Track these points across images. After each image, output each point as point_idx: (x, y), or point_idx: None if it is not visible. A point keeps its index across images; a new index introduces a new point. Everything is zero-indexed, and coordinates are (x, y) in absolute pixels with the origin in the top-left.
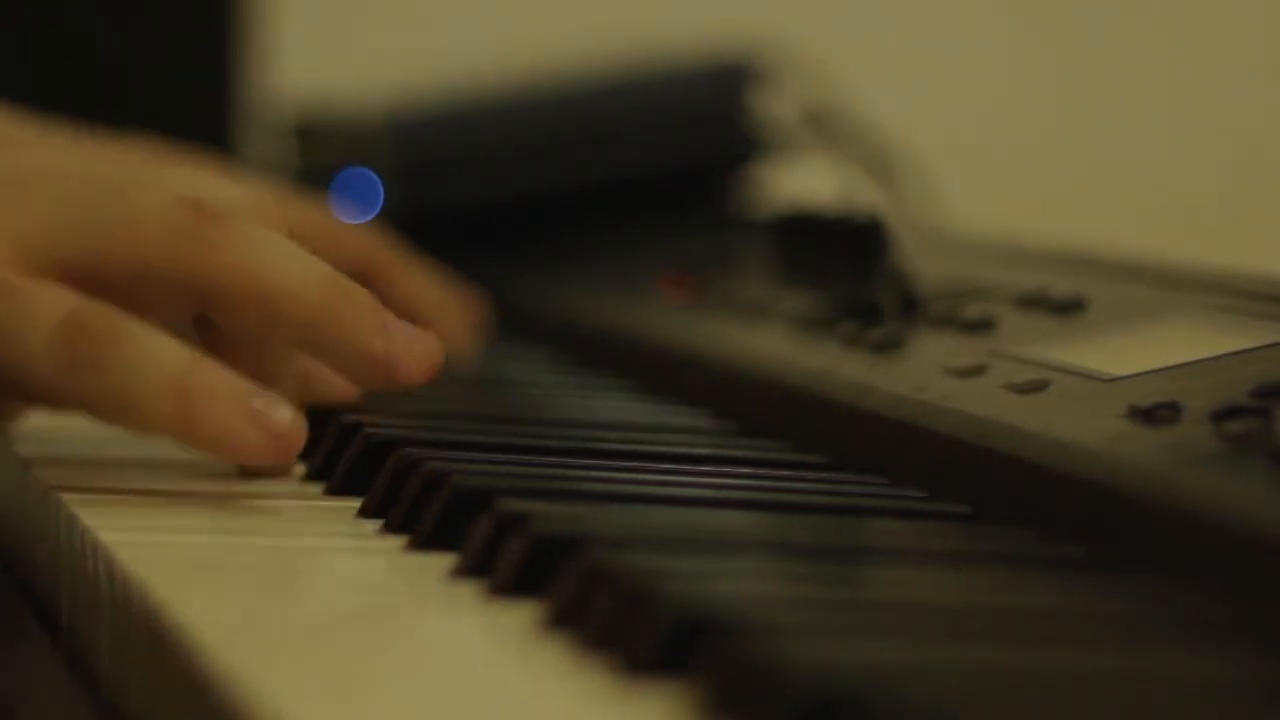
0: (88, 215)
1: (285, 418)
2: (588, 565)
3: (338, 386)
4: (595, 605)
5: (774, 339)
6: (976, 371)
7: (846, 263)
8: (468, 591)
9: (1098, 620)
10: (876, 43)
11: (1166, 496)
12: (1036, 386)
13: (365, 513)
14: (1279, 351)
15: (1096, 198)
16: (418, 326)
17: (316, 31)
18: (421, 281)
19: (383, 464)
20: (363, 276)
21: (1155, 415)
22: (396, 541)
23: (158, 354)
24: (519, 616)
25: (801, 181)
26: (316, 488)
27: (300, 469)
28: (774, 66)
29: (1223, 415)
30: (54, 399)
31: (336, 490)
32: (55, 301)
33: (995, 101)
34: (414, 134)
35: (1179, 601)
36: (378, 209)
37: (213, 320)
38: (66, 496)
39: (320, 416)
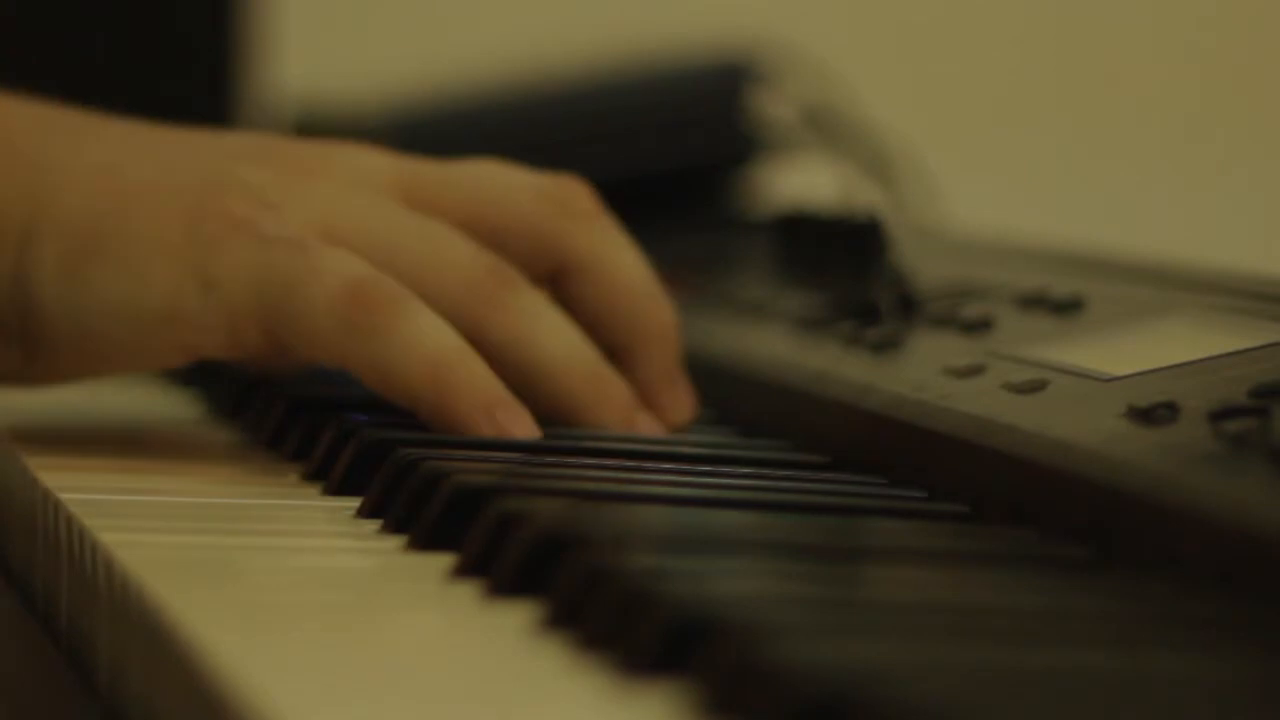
0: (396, 249)
1: (522, 430)
2: (587, 565)
3: None
4: (594, 605)
5: (773, 339)
6: (975, 371)
7: (845, 263)
8: (467, 591)
9: (1097, 620)
10: (876, 43)
11: (1165, 496)
12: (1035, 386)
13: (364, 512)
14: (1277, 351)
15: (1096, 198)
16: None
17: (316, 31)
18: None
19: (382, 464)
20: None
21: (1154, 415)
22: (396, 541)
23: (429, 334)
24: (518, 616)
25: (801, 181)
26: (315, 487)
27: (299, 469)
28: (774, 66)
29: (1221, 415)
30: (326, 355)
31: (335, 490)
32: (345, 264)
33: (995, 101)
34: (414, 134)
35: (1177, 601)
36: None
37: None
38: (66, 497)
39: (318, 417)
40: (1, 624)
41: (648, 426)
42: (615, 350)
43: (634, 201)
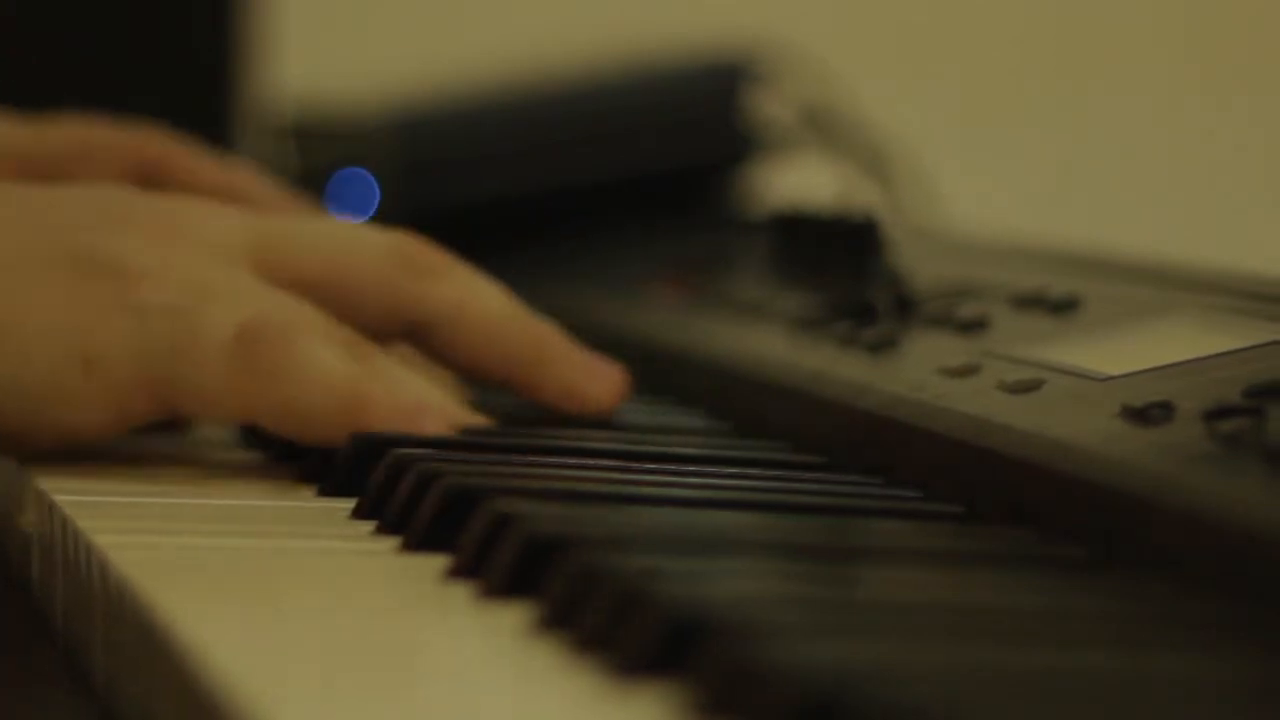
0: (319, 230)
1: (444, 428)
2: (581, 566)
3: None
4: (589, 606)
5: (770, 339)
6: (971, 371)
7: (843, 263)
8: (461, 592)
9: (1093, 619)
10: (876, 43)
11: (1160, 496)
12: (1031, 386)
13: (359, 514)
14: (1272, 351)
15: (1094, 198)
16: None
17: (316, 31)
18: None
19: (376, 464)
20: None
21: (1149, 415)
22: (390, 542)
23: (329, 362)
24: (512, 617)
25: (798, 181)
26: (310, 489)
27: (294, 470)
28: (773, 66)
29: (1215, 415)
30: (228, 411)
31: (330, 491)
32: (226, 314)
33: (993, 101)
34: (412, 134)
35: (1172, 601)
36: (374, 209)
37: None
38: (61, 498)
39: None
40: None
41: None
42: (512, 384)
43: (634, 201)
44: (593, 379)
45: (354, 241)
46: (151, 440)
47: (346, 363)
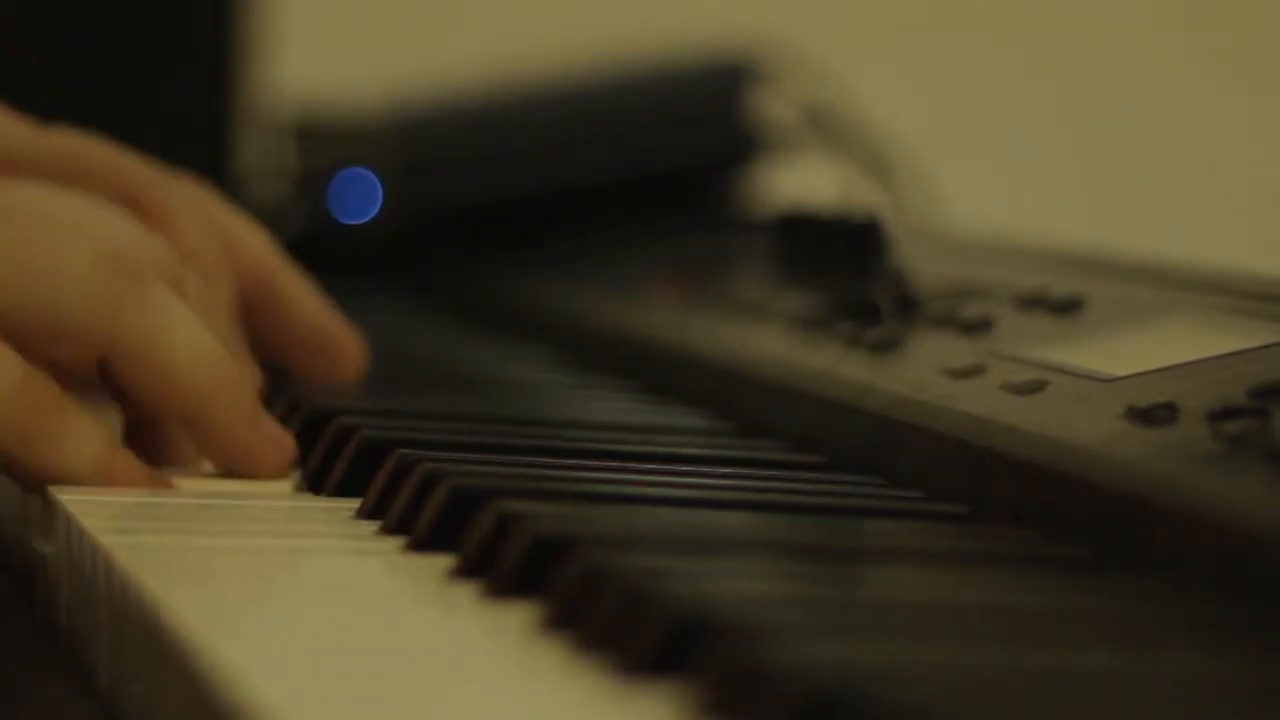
0: (16, 267)
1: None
2: (586, 566)
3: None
4: (593, 605)
5: (772, 339)
6: (975, 372)
7: (845, 263)
8: (466, 592)
9: (1096, 620)
10: (876, 43)
11: (1164, 496)
12: (1035, 387)
13: (363, 514)
14: (1276, 352)
15: (1096, 198)
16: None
17: (316, 31)
18: (316, 309)
19: (380, 465)
20: (261, 296)
21: (1153, 415)
22: (394, 542)
23: (91, 436)
24: (517, 617)
25: (800, 181)
26: (314, 489)
27: (298, 470)
28: (773, 66)
29: (1220, 415)
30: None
31: (334, 491)
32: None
33: (994, 101)
34: (413, 134)
35: (1176, 601)
36: (376, 209)
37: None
38: (65, 498)
39: (318, 418)
40: (1, 623)
41: (272, 428)
42: (183, 425)
43: (634, 201)
44: (253, 441)
45: (57, 272)
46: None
47: (106, 438)
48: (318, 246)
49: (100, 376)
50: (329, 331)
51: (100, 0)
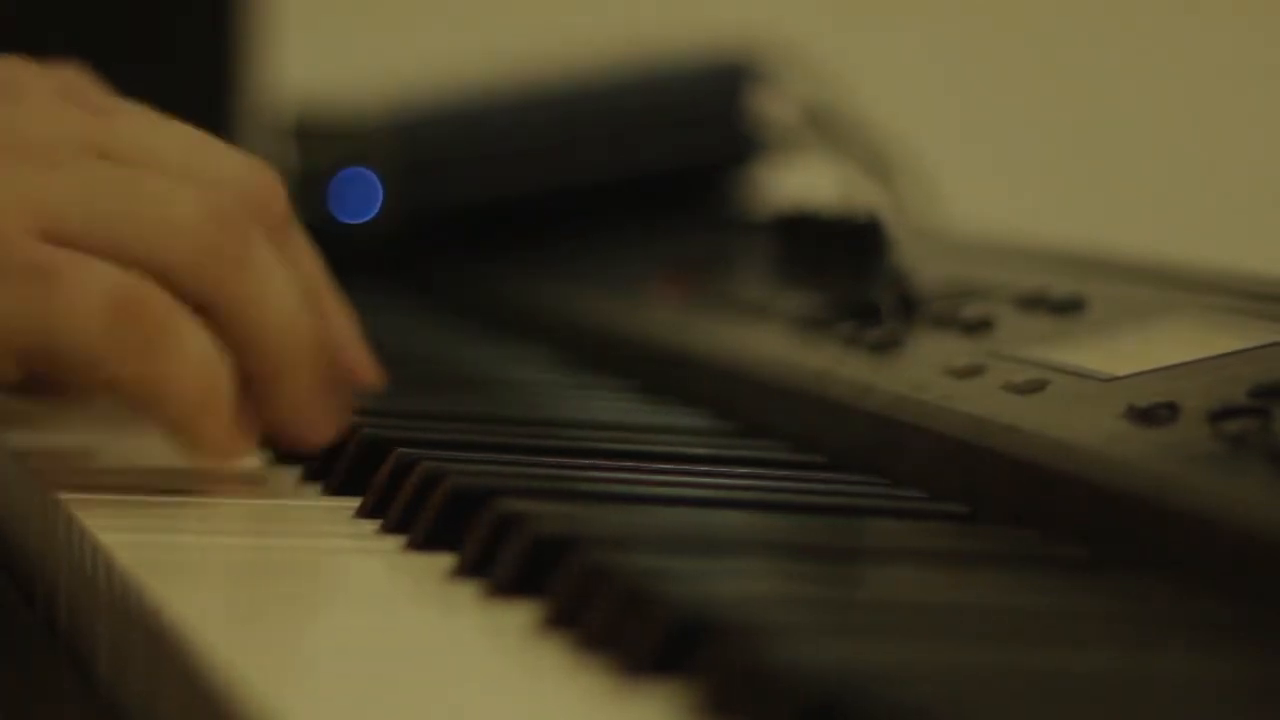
0: (115, 213)
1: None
2: (586, 565)
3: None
4: (594, 605)
5: (773, 339)
6: (975, 372)
7: (845, 263)
8: (466, 591)
9: (1097, 620)
10: (876, 43)
11: (1165, 496)
12: (1035, 387)
13: (364, 513)
14: (1276, 352)
15: (1096, 198)
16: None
17: (316, 31)
18: (350, 328)
19: (381, 464)
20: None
21: (1153, 415)
22: (395, 541)
23: (202, 354)
24: (518, 616)
25: (801, 181)
26: (315, 487)
27: (299, 469)
28: (774, 66)
29: (1221, 415)
30: (100, 380)
31: (335, 490)
32: (103, 279)
33: (994, 101)
34: (413, 134)
35: (1177, 601)
36: (377, 209)
37: None
38: (65, 497)
39: None
40: (1, 623)
41: (333, 409)
42: (258, 378)
43: (634, 201)
44: (310, 411)
45: (159, 216)
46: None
47: (217, 360)
48: (318, 246)
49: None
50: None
51: (101, 1)
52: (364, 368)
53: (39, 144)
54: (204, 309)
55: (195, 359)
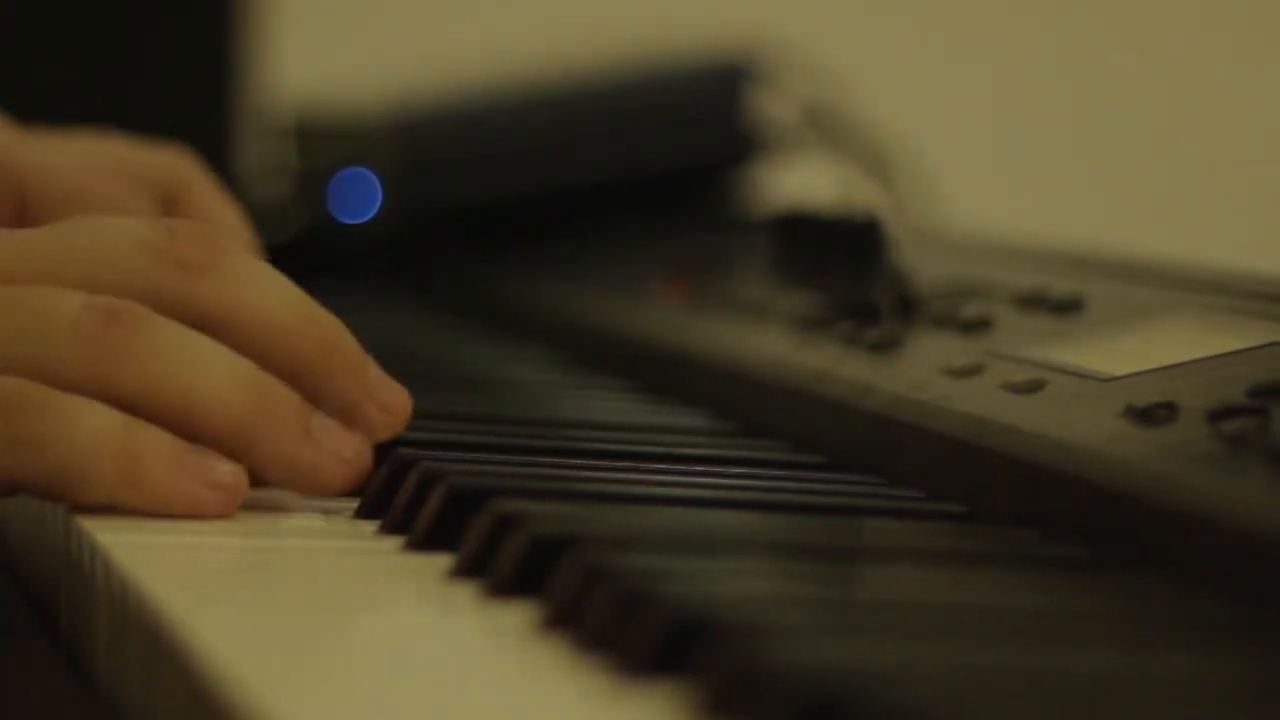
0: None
1: (226, 469)
2: (585, 565)
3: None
4: (593, 605)
5: (772, 339)
6: (974, 371)
7: (845, 263)
8: (465, 592)
9: (1096, 620)
10: (876, 43)
11: (1163, 496)
12: (1034, 386)
13: (362, 513)
14: (1276, 351)
15: (1096, 198)
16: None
17: (316, 31)
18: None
19: (381, 464)
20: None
21: (1152, 415)
22: (394, 542)
23: (91, 419)
24: (517, 617)
25: (800, 181)
26: None
27: None
28: (773, 66)
29: (1220, 415)
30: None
31: None
32: None
33: (994, 101)
34: (413, 134)
35: (1176, 601)
36: (376, 209)
37: None
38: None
39: None
40: (1, 623)
41: (334, 437)
42: (294, 387)
43: (634, 201)
44: (373, 396)
45: (113, 238)
46: None
47: (112, 415)
48: (318, 246)
49: None
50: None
51: (100, 1)
52: (377, 390)
53: None
54: (121, 406)
55: (85, 433)
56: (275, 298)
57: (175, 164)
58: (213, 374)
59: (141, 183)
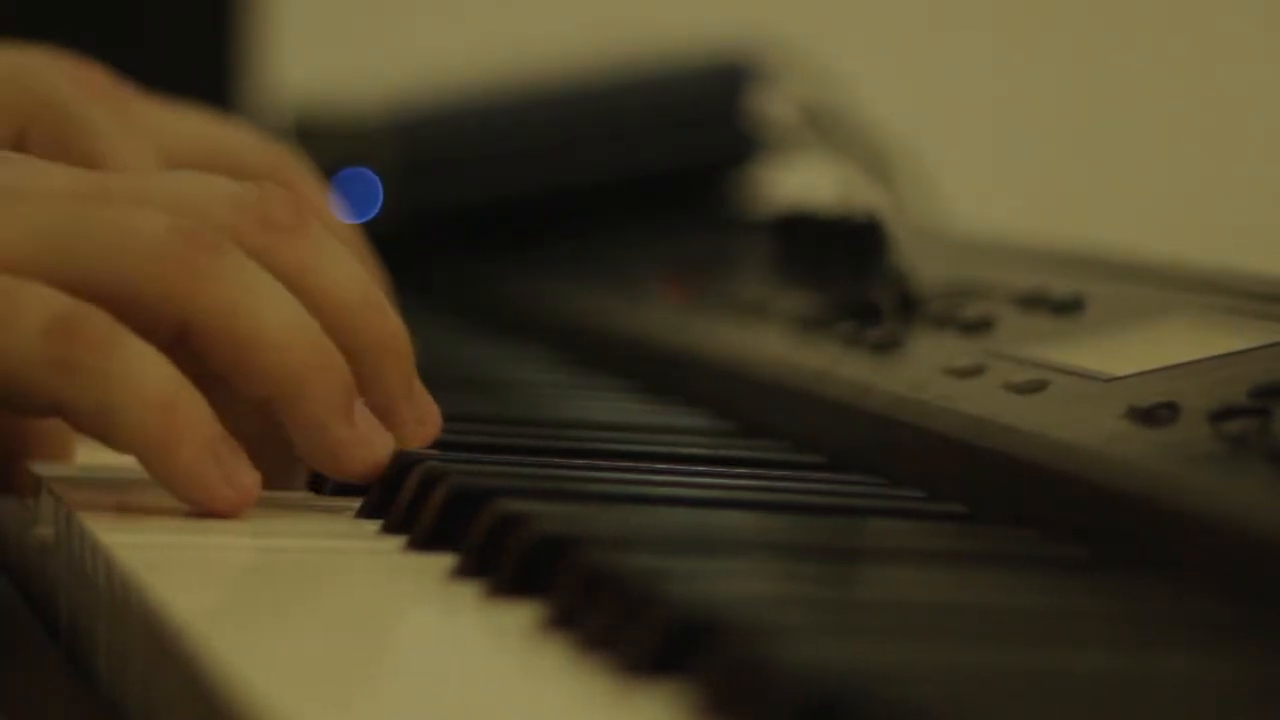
0: (75, 234)
1: (249, 477)
2: (587, 566)
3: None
4: (595, 606)
5: (773, 339)
6: (975, 372)
7: (845, 263)
8: (467, 592)
9: (1097, 620)
10: (876, 43)
11: (1165, 496)
12: (1035, 387)
13: (364, 513)
14: (1277, 351)
15: (1096, 197)
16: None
17: (316, 31)
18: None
19: None
20: None
21: (1154, 415)
22: (395, 541)
23: (151, 371)
24: (518, 617)
25: (801, 181)
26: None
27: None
28: (774, 66)
29: (1221, 415)
30: (35, 403)
31: (335, 490)
32: (45, 300)
33: (994, 101)
34: (413, 134)
35: (1177, 601)
36: (377, 209)
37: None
38: (65, 497)
39: None
40: (1, 624)
41: (369, 426)
42: (271, 409)
43: (634, 201)
44: (411, 402)
45: (191, 192)
46: None
47: (169, 373)
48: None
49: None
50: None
51: (101, 1)
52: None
53: (12, 189)
54: (183, 334)
55: (146, 386)
56: (350, 276)
57: (287, 162)
58: (282, 320)
59: (259, 165)
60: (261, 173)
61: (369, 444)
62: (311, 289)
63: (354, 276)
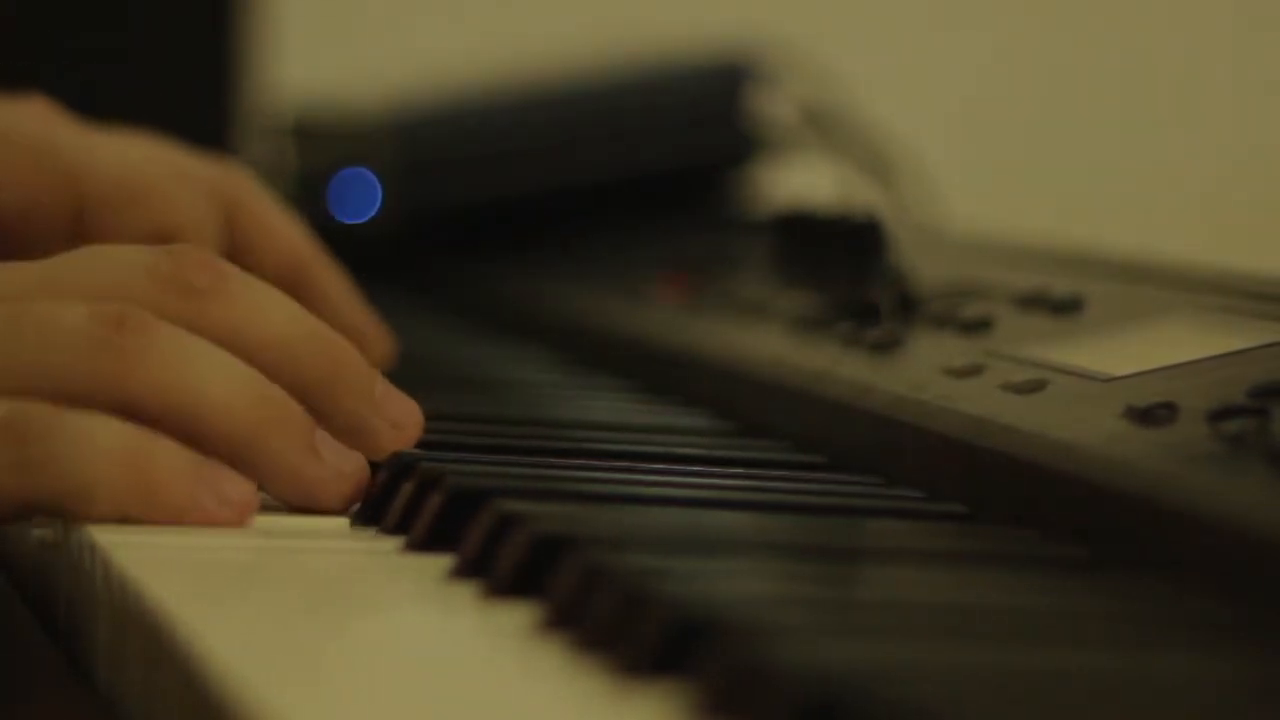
0: (5, 343)
1: (239, 489)
2: (585, 565)
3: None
4: (593, 605)
5: (772, 339)
6: (974, 371)
7: (845, 263)
8: (465, 592)
9: (1095, 620)
10: (876, 43)
11: (1164, 496)
12: (1034, 387)
13: (363, 514)
14: (1276, 351)
15: (1096, 197)
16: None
17: (316, 31)
18: (348, 300)
19: (379, 466)
20: (292, 282)
21: (1153, 415)
22: (394, 542)
23: (103, 435)
24: (517, 617)
25: (800, 181)
26: None
27: None
28: (773, 66)
29: (1220, 415)
30: (5, 513)
31: None
32: None
33: (994, 102)
34: (413, 134)
35: (1176, 601)
36: (376, 209)
37: None
38: None
39: None
40: (1, 624)
41: (336, 454)
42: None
43: (634, 201)
44: (381, 411)
45: (109, 272)
46: None
47: (124, 428)
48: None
49: None
50: (357, 322)
51: (101, 1)
52: (373, 330)
53: None
54: (127, 413)
55: (99, 450)
56: (280, 318)
57: (233, 179)
58: (222, 382)
59: (201, 191)
60: (220, 195)
61: (339, 474)
62: (246, 342)
63: (287, 317)
